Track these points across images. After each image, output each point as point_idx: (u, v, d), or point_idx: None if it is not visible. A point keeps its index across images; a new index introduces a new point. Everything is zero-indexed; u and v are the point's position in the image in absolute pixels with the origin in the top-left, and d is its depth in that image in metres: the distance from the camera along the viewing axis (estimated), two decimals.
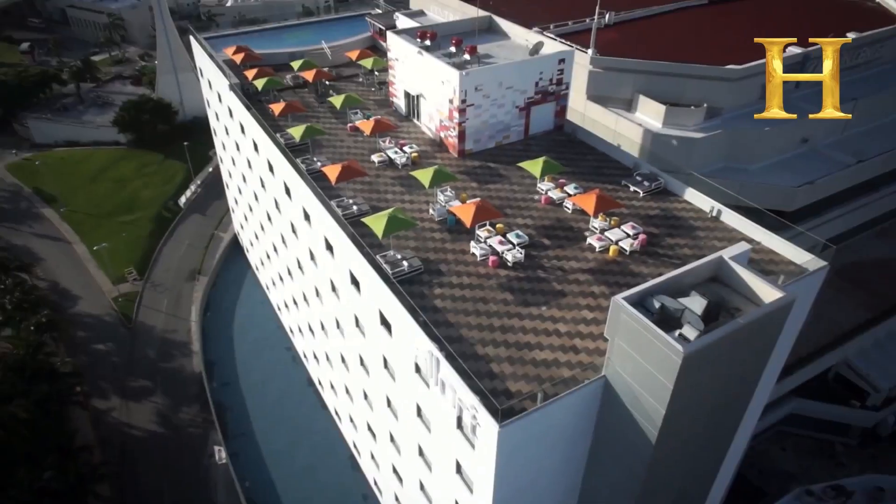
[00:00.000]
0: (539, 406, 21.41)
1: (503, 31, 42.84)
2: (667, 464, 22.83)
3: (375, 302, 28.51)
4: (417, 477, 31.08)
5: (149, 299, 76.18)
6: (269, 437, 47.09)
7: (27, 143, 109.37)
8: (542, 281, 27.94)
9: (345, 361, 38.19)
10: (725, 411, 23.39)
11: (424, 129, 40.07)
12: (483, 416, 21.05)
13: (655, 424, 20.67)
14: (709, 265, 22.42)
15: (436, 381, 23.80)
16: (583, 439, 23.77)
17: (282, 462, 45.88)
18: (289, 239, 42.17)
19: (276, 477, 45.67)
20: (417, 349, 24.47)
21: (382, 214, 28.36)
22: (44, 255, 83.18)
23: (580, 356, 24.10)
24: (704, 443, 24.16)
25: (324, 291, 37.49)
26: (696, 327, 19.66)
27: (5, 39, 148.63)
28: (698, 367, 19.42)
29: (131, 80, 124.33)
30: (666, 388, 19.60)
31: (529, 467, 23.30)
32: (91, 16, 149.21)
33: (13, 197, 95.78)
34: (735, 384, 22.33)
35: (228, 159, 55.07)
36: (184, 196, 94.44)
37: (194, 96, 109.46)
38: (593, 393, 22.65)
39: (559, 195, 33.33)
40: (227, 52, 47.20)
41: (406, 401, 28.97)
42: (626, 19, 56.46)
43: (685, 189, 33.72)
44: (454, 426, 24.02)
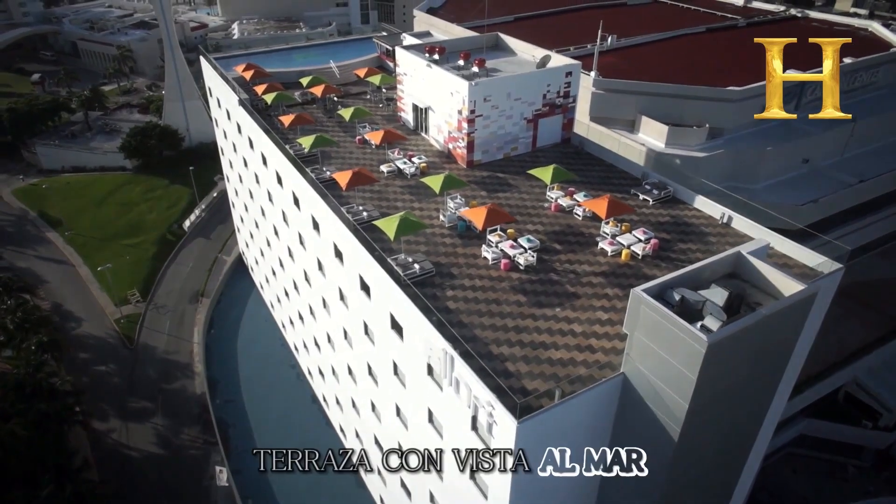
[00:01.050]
0: (558, 402, 20.94)
1: (510, 48, 43.53)
2: (688, 464, 22.21)
3: (386, 305, 28.20)
4: (427, 488, 30.25)
5: (151, 321, 75.67)
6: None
7: (34, 168, 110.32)
8: (555, 283, 27.69)
9: (352, 373, 37.62)
10: (747, 411, 22.87)
11: (433, 141, 40.32)
12: (500, 413, 20.56)
13: (678, 420, 20.16)
14: (727, 260, 22.22)
15: (450, 380, 23.35)
16: (601, 439, 23.16)
17: (286, 479, 44.74)
18: (296, 251, 42.02)
19: (279, 493, 44.48)
20: (430, 349, 24.07)
21: (394, 217, 28.28)
22: (47, 278, 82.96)
23: (597, 355, 23.70)
24: (726, 444, 23.56)
25: (331, 301, 37.16)
26: (719, 318, 19.37)
27: (17, 71, 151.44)
28: (722, 358, 19.04)
29: (138, 108, 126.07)
30: (689, 380, 19.18)
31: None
32: (101, 48, 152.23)
33: (18, 221, 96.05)
34: (757, 380, 21.88)
35: (235, 177, 55.33)
36: (188, 220, 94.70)
37: (200, 123, 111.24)
38: (612, 390, 22.20)
39: (569, 202, 33.32)
40: (238, 70, 47.89)
41: (417, 407, 28.39)
42: (626, 45, 57.56)
43: (695, 197, 33.74)
44: (468, 428, 23.47)
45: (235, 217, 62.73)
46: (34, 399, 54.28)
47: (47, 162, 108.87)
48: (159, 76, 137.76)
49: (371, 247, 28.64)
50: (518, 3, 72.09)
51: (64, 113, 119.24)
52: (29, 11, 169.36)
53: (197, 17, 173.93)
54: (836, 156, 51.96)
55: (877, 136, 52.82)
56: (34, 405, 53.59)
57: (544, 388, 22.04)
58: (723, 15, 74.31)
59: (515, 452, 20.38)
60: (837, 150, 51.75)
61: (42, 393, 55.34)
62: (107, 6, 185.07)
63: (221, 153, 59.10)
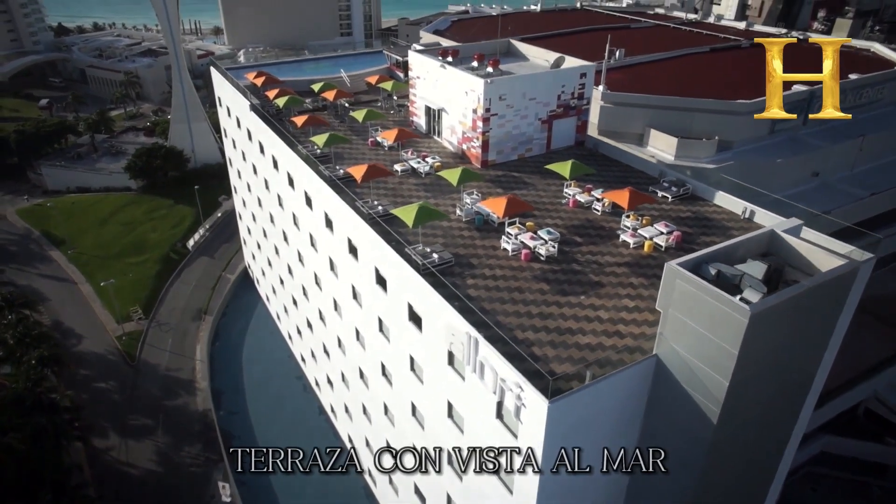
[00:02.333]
0: (590, 383, 19.99)
1: (522, 53, 43.63)
2: (726, 452, 21.09)
3: (404, 296, 27.38)
4: (444, 490, 28.91)
5: (153, 338, 74.43)
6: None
7: (39, 189, 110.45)
8: (578, 273, 26.92)
9: (363, 377, 36.50)
10: (786, 396, 21.85)
11: (446, 143, 40.01)
12: (530, 394, 19.57)
13: (717, 400, 19.16)
14: (761, 238, 21.53)
15: (473, 366, 22.37)
16: (632, 424, 22.09)
17: (293, 491, 43.08)
18: (306, 255, 41.31)
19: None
20: (453, 335, 23.14)
21: (412, 206, 27.70)
22: (49, 295, 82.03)
23: (625, 340, 22.79)
24: (764, 432, 22.47)
25: (343, 302, 36.28)
26: (759, 290, 18.57)
27: (25, 97, 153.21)
28: (764, 331, 18.17)
29: (144, 131, 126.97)
30: (729, 355, 18.26)
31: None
32: (109, 74, 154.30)
33: (22, 240, 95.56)
34: (796, 362, 20.91)
35: (244, 187, 54.98)
36: (192, 239, 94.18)
37: (206, 145, 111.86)
38: (643, 374, 21.23)
39: (587, 198, 32.77)
40: (249, 77, 47.93)
41: (435, 402, 27.28)
42: (632, 63, 57.97)
43: (715, 193, 33.23)
44: (493, 416, 22.40)
45: (242, 229, 62.18)
46: (33, 413, 52.84)
47: (52, 182, 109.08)
48: (165, 101, 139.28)
49: (389, 236, 27.97)
50: (523, 26, 72.90)
51: (70, 136, 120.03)
52: (40, 40, 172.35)
53: (204, 45, 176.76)
54: (845, 169, 51.80)
55: (886, 151, 52.89)
56: (32, 419, 52.15)
57: (573, 371, 21.07)
58: (725, 37, 75.35)
59: (546, 436, 19.30)
60: (847, 164, 51.65)
61: (41, 407, 53.91)
62: (115, 35, 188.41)
63: (230, 164, 58.89)
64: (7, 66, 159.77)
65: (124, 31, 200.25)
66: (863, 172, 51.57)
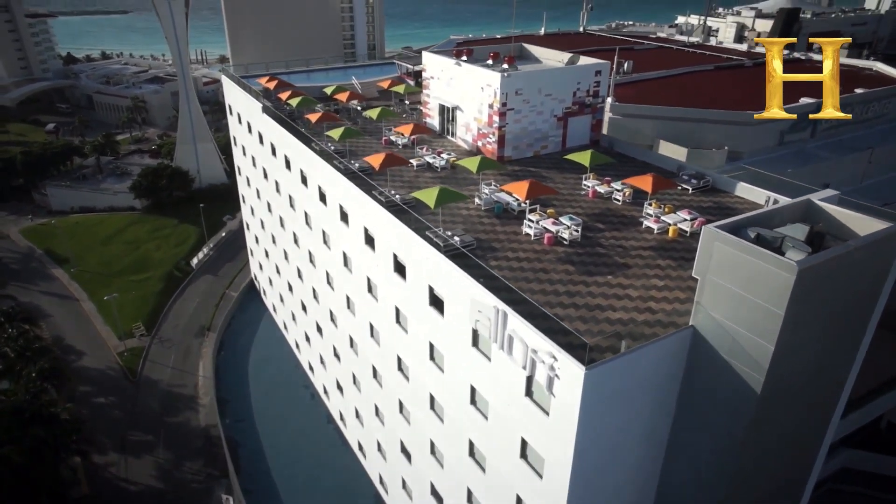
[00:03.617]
0: (627, 351, 19.13)
1: (534, 56, 43.70)
2: (767, 429, 20.07)
3: (425, 281, 26.62)
4: (465, 486, 27.62)
5: (155, 354, 73.17)
6: (286, 473, 42.91)
7: (44, 210, 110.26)
8: (603, 256, 26.25)
9: (377, 376, 35.41)
10: (829, 372, 20.92)
11: (460, 142, 39.74)
12: (564, 363, 18.68)
13: (761, 368, 18.26)
14: (798, 206, 20.94)
15: (501, 342, 21.49)
16: (667, 400, 21.10)
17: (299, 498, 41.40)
18: (318, 254, 40.63)
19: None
20: (479, 311, 22.30)
21: (433, 189, 27.23)
22: (50, 312, 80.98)
23: (658, 315, 21.97)
24: (806, 413, 21.47)
25: (357, 299, 35.46)
26: (802, 250, 17.87)
27: (32, 122, 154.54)
28: (810, 292, 17.40)
29: (149, 153, 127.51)
30: (775, 317, 17.45)
31: (611, 432, 20.50)
32: (116, 100, 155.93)
33: (24, 258, 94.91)
34: (841, 331, 20.04)
35: (252, 194, 54.61)
36: (196, 258, 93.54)
37: (211, 166, 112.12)
38: (679, 346, 20.36)
39: (606, 189, 32.30)
40: (261, 82, 48.04)
41: (456, 390, 26.24)
42: (638, 79, 58.34)
43: (736, 184, 32.77)
44: (522, 395, 21.43)
45: (249, 239, 61.60)
46: (32, 425, 51.39)
47: (56, 203, 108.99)
48: (171, 127, 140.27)
49: (409, 220, 27.39)
50: None
51: (76, 157, 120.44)
52: (49, 68, 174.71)
53: (209, 73, 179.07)
54: (854, 183, 51.61)
55: (895, 165, 52.93)
56: (31, 431, 50.69)
57: (606, 345, 20.20)
58: (728, 56, 76.26)
59: (582, 405, 18.35)
60: (856, 177, 51.52)
61: (40, 419, 52.47)
62: (123, 63, 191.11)
63: (238, 173, 58.66)
64: (15, 91, 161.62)
65: (131, 60, 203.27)
66: (872, 186, 51.40)
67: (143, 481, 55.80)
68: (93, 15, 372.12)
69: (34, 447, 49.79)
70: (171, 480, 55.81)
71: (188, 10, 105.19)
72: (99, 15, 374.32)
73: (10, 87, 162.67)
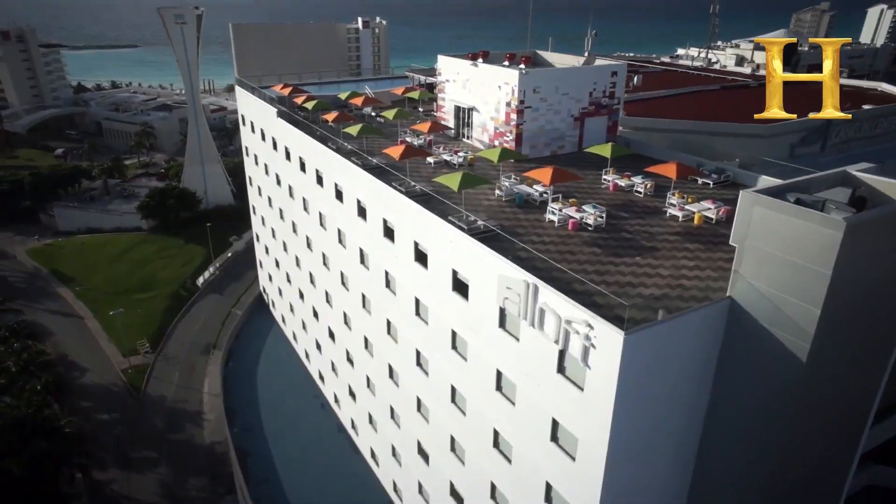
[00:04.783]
0: (666, 318, 18.52)
1: (548, 62, 43.97)
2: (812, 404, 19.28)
3: (448, 265, 26.12)
4: (488, 480, 26.57)
5: (160, 371, 72.13)
6: (296, 482, 41.52)
7: (50, 231, 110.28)
8: (630, 240, 25.79)
9: (393, 375, 34.56)
10: (874, 342, 20.19)
11: (476, 143, 39.67)
12: (602, 329, 18.07)
13: (807, 335, 17.60)
14: (835, 175, 20.56)
15: (531, 318, 20.89)
16: (705, 374, 20.33)
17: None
18: (332, 256, 40.18)
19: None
20: (508, 288, 21.73)
21: (456, 173, 26.96)
22: (55, 330, 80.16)
23: (691, 291, 21.39)
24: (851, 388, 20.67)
25: (374, 297, 34.86)
26: (846, 211, 17.41)
27: (42, 147, 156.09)
28: (857, 253, 16.86)
29: (157, 175, 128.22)
30: (822, 278, 16.88)
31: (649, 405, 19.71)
32: (125, 127, 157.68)
33: (30, 277, 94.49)
34: (888, 297, 19.32)
35: (264, 203, 54.44)
36: (202, 277, 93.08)
37: (218, 186, 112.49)
38: (717, 317, 19.73)
39: (627, 182, 32.03)
40: (275, 88, 48.35)
41: (480, 376, 25.45)
42: (647, 97, 58.81)
43: (758, 178, 32.41)
44: (554, 371, 20.70)
45: (259, 250, 61.19)
46: (34, 438, 50.21)
47: (63, 223, 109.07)
48: (178, 152, 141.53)
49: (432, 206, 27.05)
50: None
51: (84, 180, 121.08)
52: (59, 96, 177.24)
53: (216, 101, 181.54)
54: None
55: None
56: (33, 443, 49.49)
57: (640, 317, 19.56)
58: (733, 78, 77.15)
59: (620, 372, 17.65)
60: None
61: (42, 432, 51.30)
62: (132, 92, 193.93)
63: (249, 184, 58.63)
64: (26, 118, 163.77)
65: (140, 89, 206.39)
66: None
67: (146, 498, 54.21)
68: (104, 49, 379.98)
69: (35, 460, 48.54)
70: (174, 498, 54.23)
71: (200, 35, 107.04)
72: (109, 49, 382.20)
73: (21, 114, 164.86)
